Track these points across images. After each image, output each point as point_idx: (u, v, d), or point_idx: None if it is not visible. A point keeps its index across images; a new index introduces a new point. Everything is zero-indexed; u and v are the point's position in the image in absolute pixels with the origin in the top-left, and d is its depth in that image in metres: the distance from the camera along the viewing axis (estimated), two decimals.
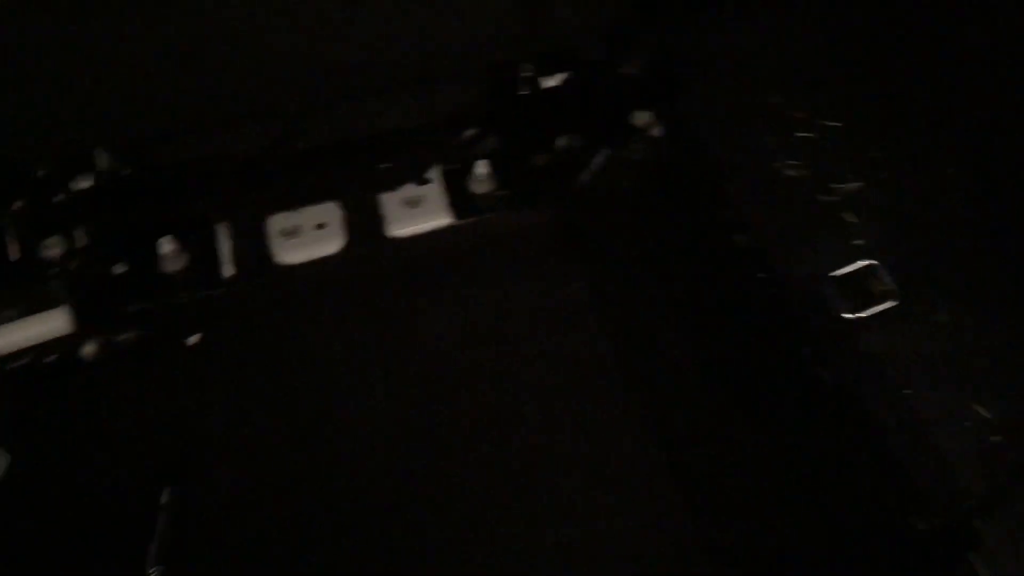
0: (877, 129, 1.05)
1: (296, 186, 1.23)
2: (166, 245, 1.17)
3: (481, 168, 1.25)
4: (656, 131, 1.29)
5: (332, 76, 1.07)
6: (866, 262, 0.98)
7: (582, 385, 1.16)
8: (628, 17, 1.10)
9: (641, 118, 1.31)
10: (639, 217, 1.27)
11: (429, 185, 1.28)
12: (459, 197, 1.27)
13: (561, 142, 1.23)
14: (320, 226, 1.24)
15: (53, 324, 1.11)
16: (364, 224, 1.24)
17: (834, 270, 0.98)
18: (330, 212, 1.25)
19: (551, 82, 1.18)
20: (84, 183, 1.15)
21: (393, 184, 1.27)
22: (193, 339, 1.19)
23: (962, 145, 1.04)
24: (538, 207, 1.27)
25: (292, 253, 1.22)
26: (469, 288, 1.23)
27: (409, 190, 1.27)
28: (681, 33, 1.13)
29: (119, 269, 1.16)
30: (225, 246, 1.22)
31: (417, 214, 1.26)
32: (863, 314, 0.95)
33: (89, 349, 1.14)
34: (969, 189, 1.01)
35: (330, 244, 1.23)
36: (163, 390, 1.15)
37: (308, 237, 1.23)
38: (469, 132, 1.29)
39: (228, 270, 1.20)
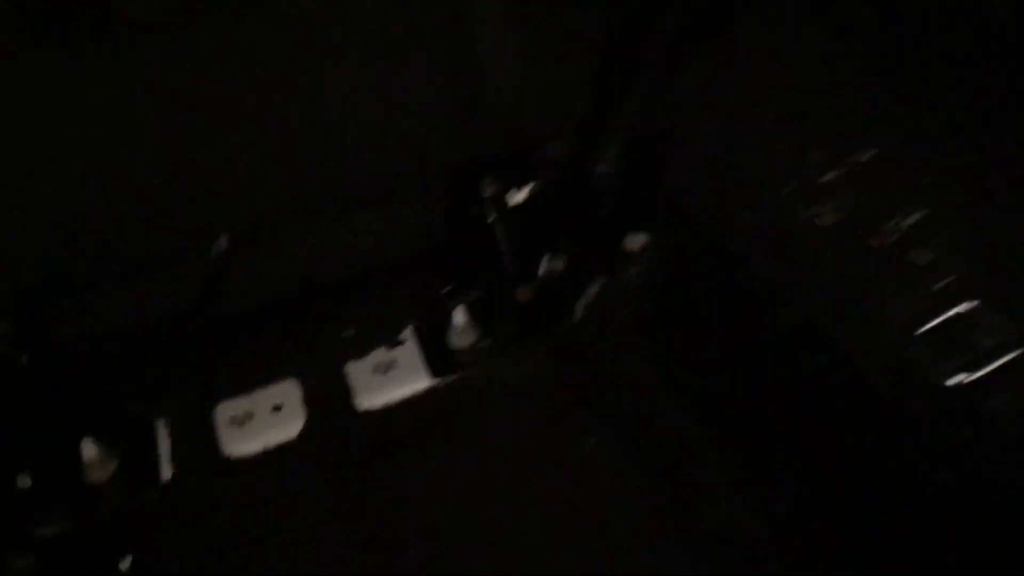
0: (922, 146, 0.80)
1: (246, 365, 1.05)
2: (89, 449, 0.97)
3: (459, 317, 1.04)
4: (651, 255, 1.08)
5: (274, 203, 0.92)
6: (962, 307, 0.70)
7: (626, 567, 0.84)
8: (590, 104, 0.95)
9: (635, 242, 1.11)
10: (650, 339, 1.01)
11: (401, 347, 1.07)
12: (437, 354, 1.05)
13: (544, 267, 1.02)
14: (276, 408, 1.03)
15: None
16: (327, 399, 1.03)
17: (918, 327, 0.70)
18: (287, 391, 1.05)
19: (519, 196, 1.01)
20: None
21: (360, 351, 1.07)
22: (125, 564, 0.94)
23: None
24: (528, 353, 1.03)
25: (244, 443, 1.00)
26: (462, 457, 0.96)
27: (378, 355, 1.07)
28: (657, 110, 0.96)
29: (24, 482, 0.96)
30: (164, 444, 1.01)
31: (389, 380, 1.04)
32: (973, 375, 0.66)
33: None
34: None
35: (288, 427, 1.01)
36: None
37: (262, 422, 1.02)
38: (445, 289, 1.11)
39: (166, 472, 0.99)
